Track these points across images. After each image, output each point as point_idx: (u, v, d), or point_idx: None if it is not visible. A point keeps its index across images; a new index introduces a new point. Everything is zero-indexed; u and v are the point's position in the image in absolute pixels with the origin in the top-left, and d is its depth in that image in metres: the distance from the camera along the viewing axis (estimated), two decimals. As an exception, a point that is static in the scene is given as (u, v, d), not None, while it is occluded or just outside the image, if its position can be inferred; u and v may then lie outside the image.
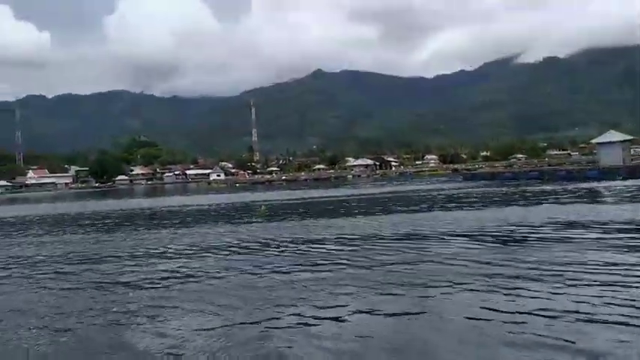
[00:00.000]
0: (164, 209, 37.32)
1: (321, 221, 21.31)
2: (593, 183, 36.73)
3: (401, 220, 19.91)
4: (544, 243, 12.79)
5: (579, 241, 12.73)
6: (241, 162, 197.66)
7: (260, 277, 10.61)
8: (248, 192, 64.10)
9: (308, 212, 27.37)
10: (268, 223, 22.07)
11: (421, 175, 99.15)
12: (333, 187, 64.29)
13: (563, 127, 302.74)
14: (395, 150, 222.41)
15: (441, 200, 29.66)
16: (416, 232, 16.13)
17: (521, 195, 29.98)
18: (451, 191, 38.06)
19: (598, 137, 54.63)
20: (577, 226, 15.38)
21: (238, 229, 20.27)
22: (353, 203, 32.23)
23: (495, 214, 20.08)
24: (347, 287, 9.19)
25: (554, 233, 14.19)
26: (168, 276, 11.28)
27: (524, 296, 8.01)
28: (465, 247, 12.74)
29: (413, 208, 25.86)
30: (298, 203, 35.56)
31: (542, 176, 47.64)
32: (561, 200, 24.69)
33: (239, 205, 37.66)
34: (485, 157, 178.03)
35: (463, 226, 16.94)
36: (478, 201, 27.30)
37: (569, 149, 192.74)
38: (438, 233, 15.43)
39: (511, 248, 12.29)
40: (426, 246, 13.24)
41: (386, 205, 29.50)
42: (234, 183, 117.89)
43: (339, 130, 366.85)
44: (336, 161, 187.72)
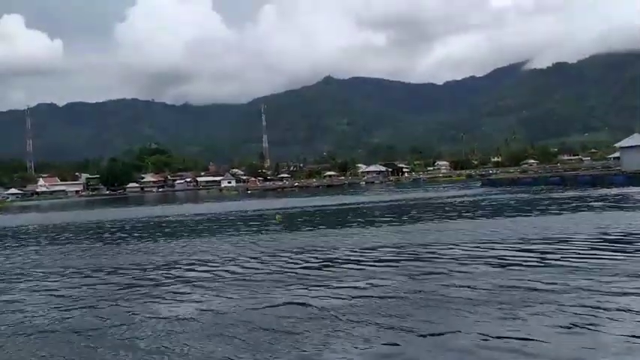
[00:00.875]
0: (172, 218, 36.20)
1: (345, 231, 20.19)
2: (623, 189, 35.06)
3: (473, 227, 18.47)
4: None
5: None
6: (252, 169, 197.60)
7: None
8: (261, 199, 63.65)
9: (329, 221, 26.36)
10: (286, 234, 20.83)
11: (435, 181, 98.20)
12: (347, 193, 63.52)
13: (574, 133, 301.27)
14: (406, 156, 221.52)
15: (482, 207, 28.32)
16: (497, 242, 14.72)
17: (553, 201, 28.74)
18: (477, 198, 36.98)
19: (621, 141, 51.85)
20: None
21: (251, 241, 18.86)
22: (376, 211, 31.16)
23: (549, 222, 18.79)
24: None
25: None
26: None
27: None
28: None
29: (453, 215, 24.72)
30: (315, 211, 34.52)
31: (564, 182, 46.04)
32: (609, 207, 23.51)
33: (252, 213, 36.66)
34: (495, 163, 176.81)
35: (549, 235, 15.47)
36: (515, 208, 26.35)
37: (580, 154, 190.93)
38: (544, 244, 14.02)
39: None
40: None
41: (428, 212, 27.96)
42: (246, 190, 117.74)
43: (349, 136, 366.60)
44: (347, 168, 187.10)
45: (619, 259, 11.17)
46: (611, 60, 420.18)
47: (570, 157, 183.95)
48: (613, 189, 35.67)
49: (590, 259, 11.24)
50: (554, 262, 11.23)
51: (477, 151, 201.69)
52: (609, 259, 11.19)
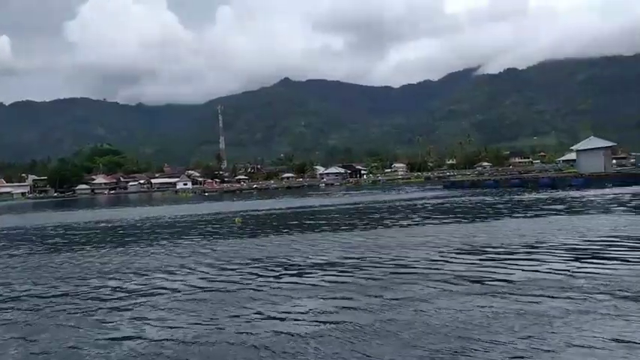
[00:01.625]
0: (122, 222, 33.35)
1: (311, 235, 19.08)
2: (583, 191, 35.63)
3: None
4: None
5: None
6: (209, 170, 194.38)
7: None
8: (219, 202, 62.33)
9: (291, 224, 24.90)
10: (246, 239, 19.37)
11: (394, 183, 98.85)
12: (307, 195, 62.94)
13: (524, 136, 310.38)
14: (363, 158, 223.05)
15: (451, 210, 27.52)
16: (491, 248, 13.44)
17: (518, 204, 28.71)
18: (441, 200, 36.50)
19: (578, 144, 53.01)
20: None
21: (209, 247, 17.27)
22: (342, 214, 29.84)
23: (525, 225, 18.08)
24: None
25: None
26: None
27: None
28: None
29: (416, 219, 23.55)
30: (276, 214, 33.30)
31: (525, 184, 46.52)
32: (574, 211, 23.18)
33: (210, 216, 34.76)
34: (451, 165, 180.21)
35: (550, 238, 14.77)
36: (484, 211, 25.45)
37: (530, 157, 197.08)
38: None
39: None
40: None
41: (389, 215, 26.95)
42: (203, 192, 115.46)
43: (306, 138, 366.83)
44: (305, 169, 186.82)
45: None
46: (559, 66, 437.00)
47: (521, 159, 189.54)
48: (575, 191, 36.17)
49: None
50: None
51: (433, 153, 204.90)
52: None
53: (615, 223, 17.02)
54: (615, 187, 37.57)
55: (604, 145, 50.32)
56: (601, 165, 47.38)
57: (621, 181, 40.55)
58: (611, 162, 52.91)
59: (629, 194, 29.98)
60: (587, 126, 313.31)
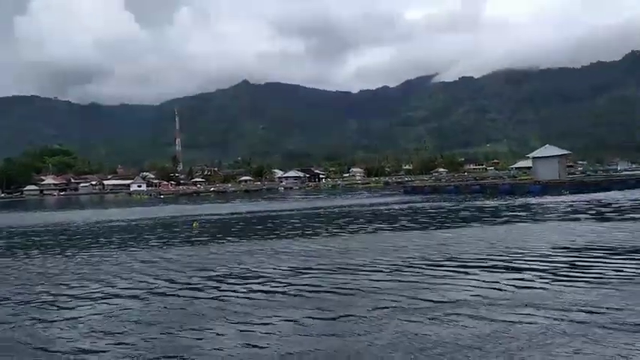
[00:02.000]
0: (71, 225, 31.20)
1: (272, 242, 17.81)
2: (543, 198, 35.99)
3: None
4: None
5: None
6: (164, 172, 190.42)
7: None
8: (175, 205, 60.89)
9: (251, 230, 23.80)
10: (203, 245, 17.83)
11: (353, 188, 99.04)
12: (266, 199, 62.15)
13: (477, 143, 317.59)
14: (321, 162, 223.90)
15: (415, 216, 26.91)
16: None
17: (481, 210, 28.65)
18: (404, 205, 36.00)
19: (534, 152, 53.69)
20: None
21: (164, 254, 15.77)
22: (303, 219, 28.83)
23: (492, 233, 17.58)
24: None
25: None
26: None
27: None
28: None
29: (379, 224, 22.59)
30: (234, 219, 31.92)
31: (485, 190, 46.88)
32: (540, 218, 22.92)
33: (166, 220, 32.97)
34: (407, 171, 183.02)
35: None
36: (449, 218, 24.98)
37: (484, 164, 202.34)
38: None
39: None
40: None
41: (352, 220, 26.24)
42: (159, 194, 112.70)
43: (264, 141, 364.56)
44: (263, 173, 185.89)
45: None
46: (510, 76, 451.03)
47: (475, 166, 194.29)
48: (532, 198, 36.53)
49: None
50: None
51: (390, 158, 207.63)
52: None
53: (577, 231, 16.96)
54: (571, 194, 38.38)
55: (559, 153, 51.23)
56: (556, 172, 48.22)
57: (576, 188, 41.45)
58: (565, 170, 53.82)
59: (584, 201, 30.69)
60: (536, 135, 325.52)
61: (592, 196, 34.64)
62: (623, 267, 10.63)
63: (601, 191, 39.49)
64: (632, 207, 25.55)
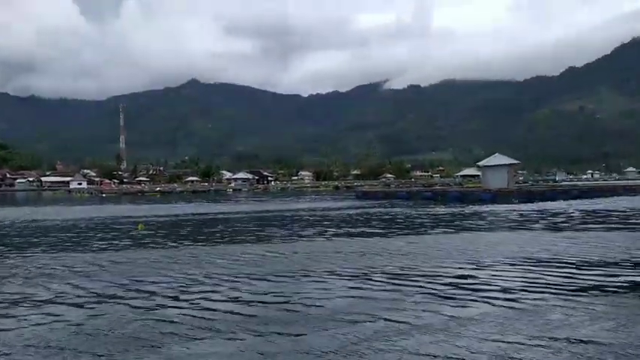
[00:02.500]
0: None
1: (220, 247, 16.67)
2: (493, 206, 36.09)
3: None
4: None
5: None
6: (107, 170, 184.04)
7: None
8: (118, 204, 58.74)
9: (200, 233, 22.60)
10: (148, 250, 16.42)
11: (304, 192, 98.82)
12: (215, 201, 60.82)
13: (423, 151, 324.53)
14: (269, 165, 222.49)
15: (369, 222, 26.36)
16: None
17: (436, 217, 28.21)
18: (357, 210, 35.21)
19: (484, 160, 54.47)
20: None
21: (105, 259, 14.21)
22: (248, 223, 27.96)
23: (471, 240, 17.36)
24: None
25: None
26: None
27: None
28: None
29: (334, 230, 21.78)
30: (182, 220, 30.38)
31: (436, 197, 47.19)
32: (499, 226, 22.83)
33: (108, 220, 30.59)
34: (355, 176, 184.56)
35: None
36: (403, 224, 24.56)
37: (430, 171, 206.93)
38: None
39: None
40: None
41: (305, 225, 25.24)
42: (100, 193, 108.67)
43: (212, 142, 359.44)
44: (211, 174, 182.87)
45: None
46: (457, 86, 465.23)
47: (422, 173, 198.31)
48: (484, 206, 36.88)
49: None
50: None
51: (339, 163, 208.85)
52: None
53: (538, 242, 16.58)
54: (520, 202, 39.11)
55: (508, 162, 52.18)
56: (505, 181, 49.07)
57: (524, 197, 42.34)
58: (514, 178, 54.69)
59: (536, 211, 31.16)
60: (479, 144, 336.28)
61: (540, 206, 35.53)
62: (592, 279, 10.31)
63: (547, 200, 40.56)
64: (582, 217, 26.19)
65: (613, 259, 12.65)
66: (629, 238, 17.09)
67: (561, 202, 38.36)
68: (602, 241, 16.37)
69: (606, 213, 28.56)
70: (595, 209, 31.26)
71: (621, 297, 8.89)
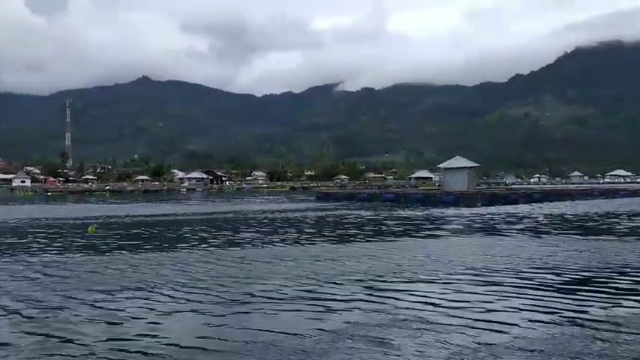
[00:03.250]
0: None
1: (176, 254, 15.54)
2: (457, 210, 35.55)
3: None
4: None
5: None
6: (51, 168, 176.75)
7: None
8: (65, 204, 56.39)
9: (153, 236, 21.14)
10: (98, 255, 15.12)
11: (260, 192, 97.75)
12: (168, 201, 59.13)
13: (376, 153, 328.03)
14: (222, 165, 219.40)
15: (342, 226, 25.20)
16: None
17: (403, 220, 27.56)
18: (320, 213, 33.83)
19: (444, 162, 54.07)
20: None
21: (54, 264, 13.38)
22: (205, 226, 26.06)
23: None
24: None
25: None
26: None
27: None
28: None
29: (298, 235, 20.58)
30: (136, 222, 28.61)
31: (398, 199, 46.48)
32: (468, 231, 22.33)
33: (55, 222, 28.66)
34: (309, 176, 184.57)
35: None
36: (374, 229, 23.42)
37: (384, 173, 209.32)
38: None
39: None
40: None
41: (266, 229, 23.79)
42: (46, 191, 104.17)
43: (163, 140, 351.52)
44: (161, 173, 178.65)
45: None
46: (409, 90, 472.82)
47: (375, 174, 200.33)
48: (447, 209, 36.48)
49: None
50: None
51: (292, 164, 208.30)
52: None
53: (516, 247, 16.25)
54: (483, 205, 38.96)
55: (469, 165, 52.23)
56: (465, 184, 49.15)
57: (487, 200, 42.36)
58: (474, 181, 54.87)
59: (502, 214, 31.12)
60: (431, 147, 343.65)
61: (504, 209, 35.41)
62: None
63: (509, 204, 40.74)
64: (551, 222, 26.08)
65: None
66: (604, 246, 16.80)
67: (523, 206, 38.56)
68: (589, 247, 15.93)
69: (575, 217, 28.72)
70: (562, 213, 31.42)
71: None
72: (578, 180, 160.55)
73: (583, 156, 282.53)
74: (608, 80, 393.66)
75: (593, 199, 47.76)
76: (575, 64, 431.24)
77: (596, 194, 52.75)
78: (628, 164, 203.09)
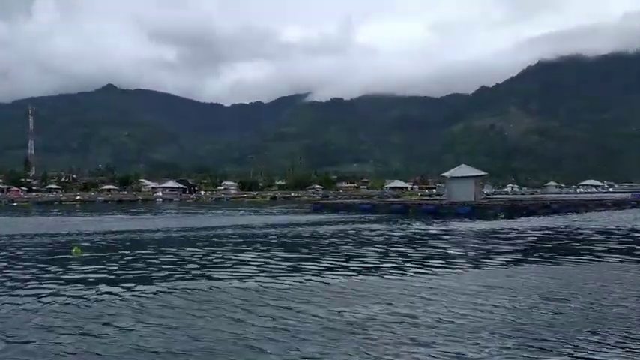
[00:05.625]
0: None
1: (181, 283, 12.91)
2: (482, 223, 31.84)
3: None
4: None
5: None
6: (14, 177, 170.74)
7: None
8: (35, 217, 53.93)
9: (147, 257, 17.93)
10: (92, 287, 12.31)
11: (240, 202, 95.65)
12: (150, 213, 55.27)
13: (344, 163, 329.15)
14: (190, 175, 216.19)
15: (369, 246, 21.19)
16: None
17: (435, 238, 24.07)
18: (331, 228, 29.81)
19: (449, 171, 50.47)
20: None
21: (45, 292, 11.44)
22: (208, 244, 22.29)
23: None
24: None
25: None
26: None
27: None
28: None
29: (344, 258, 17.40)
30: (121, 239, 24.50)
31: (406, 210, 42.71)
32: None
33: (27, 240, 24.59)
34: (280, 186, 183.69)
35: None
36: (418, 251, 19.82)
37: (356, 183, 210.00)
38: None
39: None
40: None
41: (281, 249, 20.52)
42: (11, 202, 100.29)
43: (129, 150, 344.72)
44: (129, 182, 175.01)
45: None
46: (377, 101, 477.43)
47: (348, 184, 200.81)
48: (461, 222, 32.91)
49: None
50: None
51: (264, 173, 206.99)
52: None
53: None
54: (508, 218, 35.20)
55: (475, 174, 49.04)
56: (472, 194, 45.95)
57: (506, 212, 38.47)
58: (481, 191, 51.43)
59: (541, 228, 27.50)
60: (399, 158, 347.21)
61: (535, 222, 31.79)
62: None
63: (530, 216, 37.46)
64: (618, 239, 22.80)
65: None
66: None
67: (545, 219, 35.21)
68: None
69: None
70: (606, 227, 28.37)
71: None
72: (554, 190, 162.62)
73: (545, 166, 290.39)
74: (568, 93, 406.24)
75: (606, 210, 46.15)
76: (538, 77, 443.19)
77: (610, 205, 51.16)
78: (592, 175, 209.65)
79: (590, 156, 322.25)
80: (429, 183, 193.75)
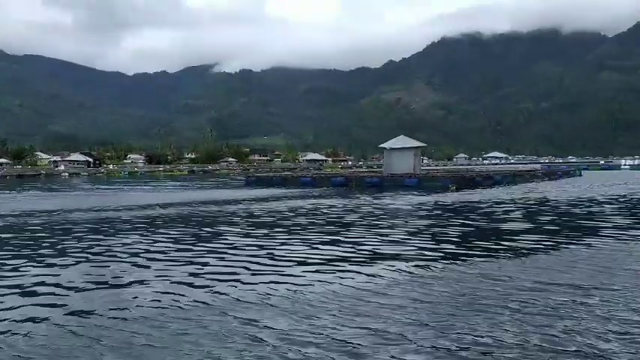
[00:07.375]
0: None
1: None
2: (437, 195, 29.45)
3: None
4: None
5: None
6: None
7: None
8: None
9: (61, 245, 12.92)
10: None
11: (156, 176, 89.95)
12: (59, 190, 47.13)
13: (254, 135, 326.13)
14: (92, 147, 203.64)
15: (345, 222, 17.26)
16: None
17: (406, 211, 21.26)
18: (282, 204, 24.92)
19: (386, 142, 48.36)
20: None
21: None
22: (149, 222, 17.86)
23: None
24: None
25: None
26: None
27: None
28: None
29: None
30: (38, 224, 17.80)
31: (349, 183, 41.06)
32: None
33: None
34: (191, 159, 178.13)
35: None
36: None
37: (268, 155, 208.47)
38: None
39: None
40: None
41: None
42: None
43: (22, 121, 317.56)
44: (24, 156, 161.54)
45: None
46: (287, 74, 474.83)
47: (260, 157, 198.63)
48: (410, 193, 31.61)
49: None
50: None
51: (173, 146, 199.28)
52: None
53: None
54: (459, 190, 34.08)
55: (415, 145, 47.51)
56: (412, 165, 44.88)
57: (459, 183, 37.04)
58: (420, 162, 50.33)
59: (505, 200, 25.63)
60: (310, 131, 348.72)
61: (490, 193, 30.34)
62: None
63: (476, 187, 36.29)
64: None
65: None
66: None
67: (497, 189, 34.21)
68: None
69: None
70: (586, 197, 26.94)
71: None
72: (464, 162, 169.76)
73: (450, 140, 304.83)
74: (470, 69, 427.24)
75: (542, 181, 46.63)
76: (442, 53, 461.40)
77: (540, 175, 52.40)
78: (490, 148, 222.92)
79: (488, 130, 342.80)
80: (340, 155, 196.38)
